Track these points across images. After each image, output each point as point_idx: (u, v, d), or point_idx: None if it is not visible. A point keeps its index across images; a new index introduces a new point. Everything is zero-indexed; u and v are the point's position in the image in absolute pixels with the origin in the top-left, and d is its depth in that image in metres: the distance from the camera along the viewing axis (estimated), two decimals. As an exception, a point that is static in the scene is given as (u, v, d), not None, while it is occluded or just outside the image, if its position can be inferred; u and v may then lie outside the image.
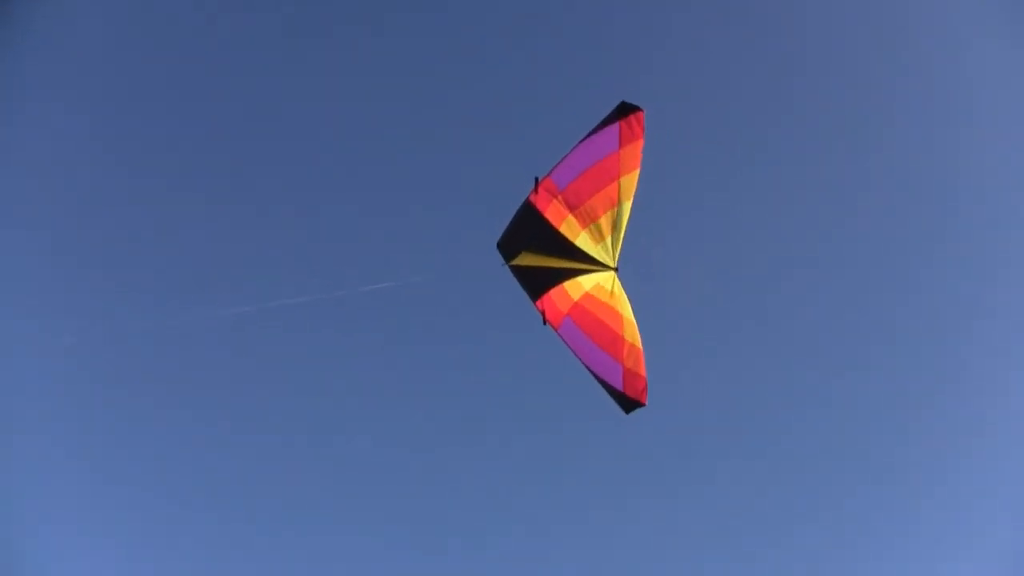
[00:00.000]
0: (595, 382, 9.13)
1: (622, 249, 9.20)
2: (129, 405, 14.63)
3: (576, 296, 9.14)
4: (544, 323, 9.04)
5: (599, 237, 9.09)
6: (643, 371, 8.94)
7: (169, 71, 14.98)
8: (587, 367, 9.05)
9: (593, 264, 9.15)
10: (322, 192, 16.21)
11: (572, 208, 8.94)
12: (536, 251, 8.98)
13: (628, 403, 8.96)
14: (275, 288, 15.21)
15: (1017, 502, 14.77)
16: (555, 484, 16.16)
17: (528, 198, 8.80)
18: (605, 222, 9.04)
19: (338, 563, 15.05)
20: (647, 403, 8.97)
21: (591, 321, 9.11)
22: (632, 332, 9.05)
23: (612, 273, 9.19)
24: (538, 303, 9.05)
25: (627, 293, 9.26)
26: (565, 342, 9.11)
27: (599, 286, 9.21)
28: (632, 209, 9.11)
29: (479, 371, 16.59)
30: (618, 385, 8.95)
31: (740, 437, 16.99)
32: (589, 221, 9.02)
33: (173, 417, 14.96)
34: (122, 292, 14.74)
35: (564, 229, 8.99)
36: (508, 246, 8.96)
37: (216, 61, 15.23)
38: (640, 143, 8.82)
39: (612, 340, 9.03)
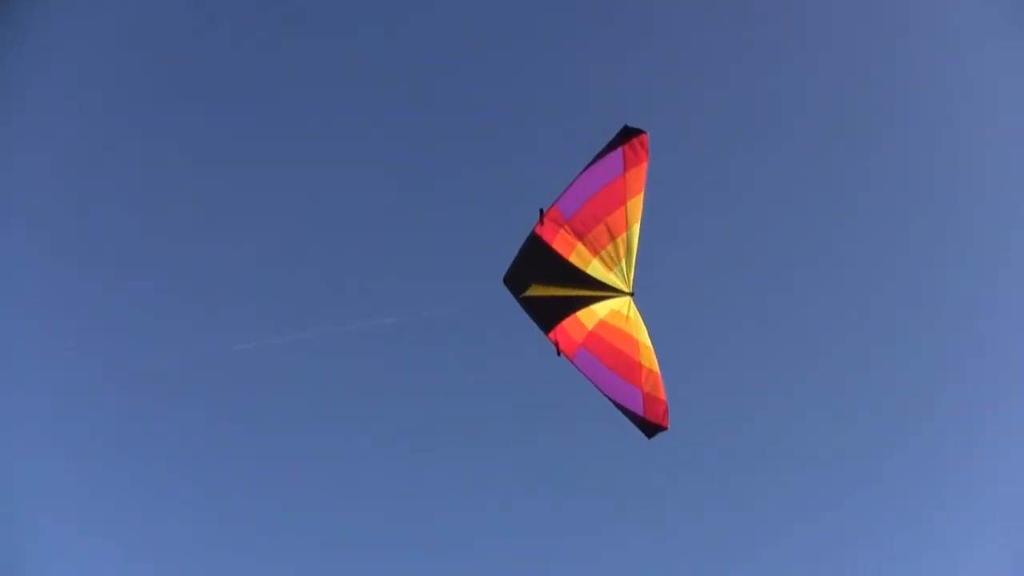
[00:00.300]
0: (611, 406, 9.08)
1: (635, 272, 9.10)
2: (129, 405, 14.57)
3: (591, 325, 9.01)
4: (558, 354, 8.93)
5: (612, 263, 8.96)
6: (662, 395, 8.85)
7: (169, 72, 14.88)
8: (605, 395, 8.96)
9: (608, 291, 9.01)
10: (326, 214, 16.09)
11: (581, 237, 8.80)
12: (546, 283, 8.84)
13: (650, 428, 8.90)
14: (274, 290, 15.37)
15: (1017, 502, 14.91)
16: (568, 493, 16.34)
17: (534, 230, 8.65)
18: (616, 248, 8.90)
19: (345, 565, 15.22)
20: (668, 426, 8.92)
21: (607, 349, 9.00)
22: (649, 357, 8.96)
23: (628, 298, 9.06)
24: (551, 335, 8.93)
25: (643, 316, 9.19)
26: (582, 372, 9.02)
27: (614, 312, 9.08)
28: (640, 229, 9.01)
29: (491, 394, 16.65)
30: (638, 411, 8.89)
31: (743, 440, 17.17)
32: (600, 248, 8.88)
33: (173, 417, 14.93)
34: (122, 295, 14.76)
35: (574, 259, 8.85)
36: (516, 280, 8.81)
37: (216, 62, 15.14)
38: (644, 166, 8.67)
39: (629, 366, 8.94)
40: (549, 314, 8.95)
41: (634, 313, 9.11)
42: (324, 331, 9.03)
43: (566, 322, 8.96)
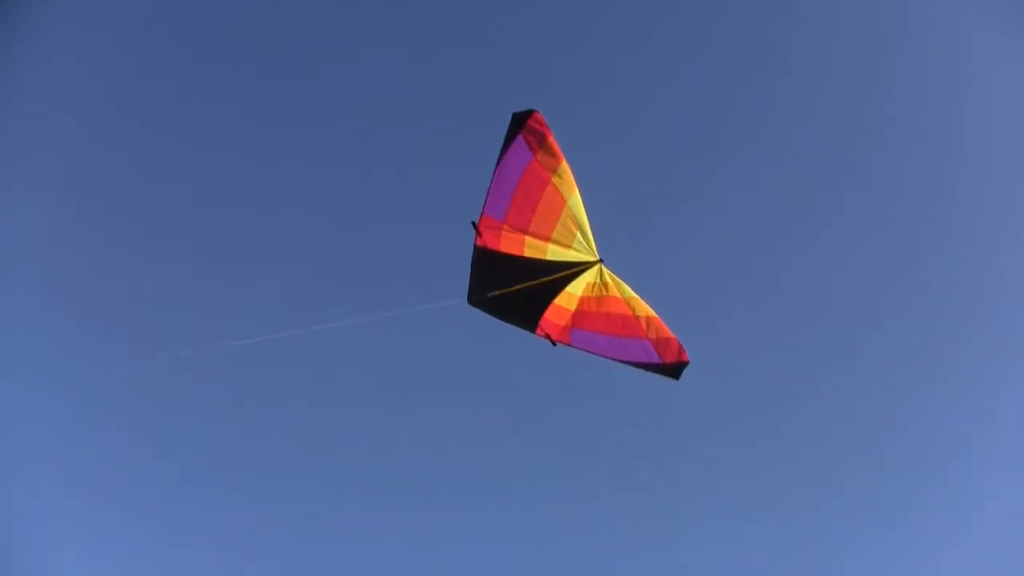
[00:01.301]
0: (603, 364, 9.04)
1: (596, 238, 8.93)
2: (128, 404, 15.15)
3: (572, 306, 8.94)
4: (554, 344, 8.92)
5: (567, 240, 8.82)
6: (670, 333, 8.72)
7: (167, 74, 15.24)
8: (617, 360, 8.91)
9: (575, 267, 8.90)
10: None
11: (524, 230, 8.71)
12: (512, 284, 8.80)
13: (673, 369, 8.73)
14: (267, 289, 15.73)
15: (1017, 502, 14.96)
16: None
17: (475, 244, 8.62)
18: (565, 224, 8.75)
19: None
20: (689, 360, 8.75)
21: (599, 319, 8.91)
22: (641, 306, 8.82)
23: (598, 266, 8.92)
24: (538, 331, 8.94)
25: (620, 276, 9.06)
26: (584, 350, 9.00)
27: (590, 284, 8.97)
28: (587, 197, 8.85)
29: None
30: (655, 359, 8.76)
31: (741, 436, 17.49)
32: (549, 232, 8.76)
33: (174, 417, 15.54)
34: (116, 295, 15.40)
35: (529, 252, 8.79)
36: (480, 293, 8.80)
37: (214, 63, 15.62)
38: (550, 138, 8.51)
39: (627, 324, 8.81)
40: (527, 314, 8.95)
41: (610, 277, 8.98)
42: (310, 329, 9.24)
43: (548, 313, 8.92)
